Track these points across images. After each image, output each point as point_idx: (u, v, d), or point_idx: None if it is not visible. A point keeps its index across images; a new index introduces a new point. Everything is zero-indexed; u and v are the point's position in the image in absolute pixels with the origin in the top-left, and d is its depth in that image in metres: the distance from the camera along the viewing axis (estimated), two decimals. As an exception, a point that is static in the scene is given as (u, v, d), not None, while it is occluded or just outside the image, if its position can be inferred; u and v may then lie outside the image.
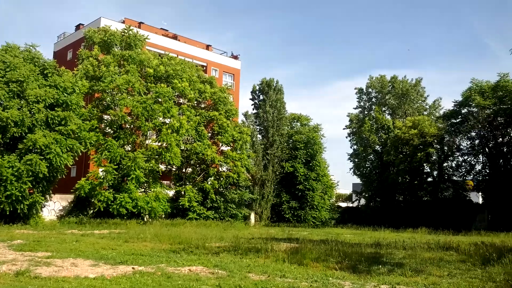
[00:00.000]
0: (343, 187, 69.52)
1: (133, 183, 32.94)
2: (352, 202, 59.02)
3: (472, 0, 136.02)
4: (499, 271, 13.11)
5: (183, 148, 38.17)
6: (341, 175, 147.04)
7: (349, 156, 54.00)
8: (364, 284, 11.08)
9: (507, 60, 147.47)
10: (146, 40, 39.44)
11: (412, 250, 18.84)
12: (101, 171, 33.50)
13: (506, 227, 34.33)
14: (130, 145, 36.04)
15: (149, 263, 13.51)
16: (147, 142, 37.01)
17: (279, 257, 15.13)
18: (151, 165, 34.49)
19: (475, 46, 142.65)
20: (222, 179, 40.01)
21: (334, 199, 55.45)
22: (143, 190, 35.31)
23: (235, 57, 58.35)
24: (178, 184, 39.35)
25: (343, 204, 61.47)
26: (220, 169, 41.16)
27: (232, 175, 39.49)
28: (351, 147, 54.52)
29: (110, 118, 35.58)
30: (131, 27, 39.24)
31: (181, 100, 40.07)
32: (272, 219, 45.36)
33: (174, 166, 38.39)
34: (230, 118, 42.07)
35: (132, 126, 36.19)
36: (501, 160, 41.34)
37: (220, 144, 41.68)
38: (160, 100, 35.97)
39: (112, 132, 35.56)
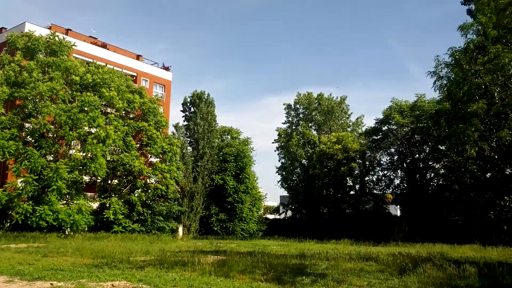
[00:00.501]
0: (271, 199, 70.75)
1: (55, 195, 31.36)
2: (280, 214, 60.08)
3: (394, 26, 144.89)
4: (414, 280, 13.99)
5: (109, 159, 36.98)
6: (269, 187, 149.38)
7: (277, 169, 55.17)
8: (288, 295, 11.38)
9: (424, 82, 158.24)
10: (73, 47, 38.04)
11: (334, 261, 19.53)
12: (20, 182, 31.64)
13: (422, 238, 36.51)
14: (52, 155, 34.37)
15: (69, 279, 12.98)
16: (71, 152, 35.45)
17: (206, 270, 15.12)
18: (75, 176, 33.06)
19: (396, 68, 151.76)
20: (150, 191, 39.18)
21: (262, 211, 56.13)
22: (65, 202, 33.71)
23: (167, 68, 57.72)
24: (103, 196, 37.99)
25: (271, 216, 62.37)
26: (148, 181, 40.32)
27: (161, 187, 38.82)
28: (279, 161, 55.83)
29: (31, 127, 33.76)
30: (57, 34, 37.72)
31: (109, 110, 38.88)
32: (200, 232, 45.01)
33: (99, 178, 37.00)
34: (160, 130, 41.45)
35: (55, 135, 34.57)
36: (417, 175, 44.05)
37: (149, 156, 40.89)
38: (86, 109, 34.68)
39: (33, 141, 33.72)
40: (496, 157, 18.43)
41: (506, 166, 18.71)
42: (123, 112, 39.70)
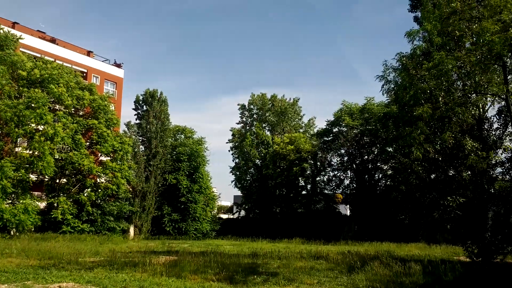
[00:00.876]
0: (225, 199, 70.72)
1: (-1, 194, 30.03)
2: (233, 214, 60.17)
3: (345, 30, 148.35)
4: (362, 278, 14.46)
5: (57, 157, 35.78)
6: (223, 187, 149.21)
7: (231, 169, 55.21)
8: (240, 294, 11.49)
9: (373, 86, 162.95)
10: (20, 41, 36.64)
11: (286, 260, 19.84)
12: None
13: (370, 237, 37.66)
14: (-4, 153, 32.91)
15: (13, 281, 12.55)
16: (16, 149, 34.06)
17: (157, 271, 14.99)
18: (21, 174, 31.79)
19: (346, 71, 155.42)
20: (100, 190, 38.16)
21: (215, 211, 56.01)
22: (10, 201, 32.30)
23: (118, 65, 56.42)
24: (50, 196, 36.70)
25: (224, 216, 62.35)
26: (98, 180, 39.28)
27: (111, 187, 37.94)
28: (233, 161, 55.88)
29: (-27, 123, 32.20)
30: (2, 26, 36.10)
31: (57, 107, 37.57)
32: (152, 232, 44.34)
33: (46, 176, 35.68)
34: (111, 128, 40.49)
35: (0, 132, 33.10)
36: (366, 176, 45.35)
37: (99, 154, 39.86)
38: (33, 105, 33.39)
39: (-25, 138, 32.18)
40: (440, 159, 19.26)
41: (449, 167, 19.56)
42: (72, 109, 38.49)
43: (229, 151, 56.42)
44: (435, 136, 17.51)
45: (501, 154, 18.92)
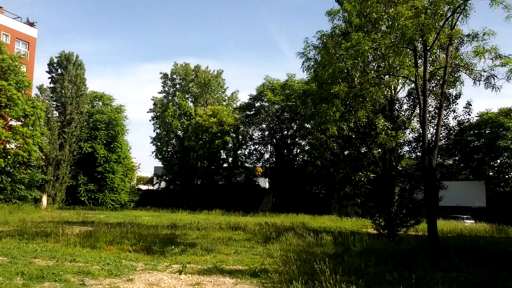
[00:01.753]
0: (145, 170, 69.41)
1: None
2: (153, 185, 59.42)
3: (268, 5, 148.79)
4: (277, 248, 15.12)
5: (-40, 120, 33.03)
6: (143, 158, 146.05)
7: (152, 140, 54.17)
8: (157, 265, 11.57)
9: (294, 62, 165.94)
10: None
11: (205, 231, 20.17)
12: None
13: (287, 209, 39.18)
14: None
15: None
16: None
17: (71, 241, 14.61)
18: None
19: (269, 46, 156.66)
20: (9, 157, 35.85)
21: (135, 181, 54.96)
22: None
23: (31, 24, 52.34)
24: (-49, 161, 33.96)
25: (144, 187, 61.44)
26: (7, 146, 36.82)
27: (22, 153, 35.81)
28: (154, 131, 54.79)
29: None
30: None
31: (-40, 65, 34.45)
32: (67, 202, 42.70)
33: None
34: (22, 91, 37.87)
35: None
36: (285, 150, 46.74)
37: (9, 118, 37.25)
38: None
39: None
40: (353, 136, 20.31)
41: (361, 145, 20.69)
42: (-22, 68, 35.48)
43: (150, 121, 55.23)
44: (350, 115, 18.36)
45: (409, 134, 20.40)
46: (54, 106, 44.19)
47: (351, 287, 8.70)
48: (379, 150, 20.06)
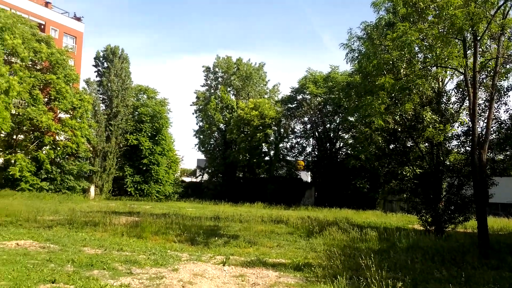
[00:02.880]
0: (188, 162, 70.56)
1: (-50, 150, 28.93)
2: (196, 177, 60.26)
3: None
4: (320, 242, 14.96)
5: (14, 112, 34.54)
6: (187, 150, 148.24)
7: (195, 132, 54.88)
8: (201, 255, 11.71)
9: (336, 54, 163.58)
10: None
11: (247, 223, 20.24)
12: None
13: (329, 203, 38.74)
14: None
15: (-31, 238, 12.30)
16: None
17: (118, 231, 15.01)
18: (-27, 129, 30.62)
19: (311, 38, 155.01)
20: (59, 148, 37.32)
21: (178, 173, 55.99)
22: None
23: (78, 19, 54.08)
24: (7, 152, 35.63)
25: (187, 179, 62.45)
26: (57, 138, 38.32)
27: (71, 145, 37.18)
28: (197, 124, 55.47)
29: None
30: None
31: (13, 59, 35.96)
32: (113, 193, 44.05)
33: (3, 132, 34.47)
34: (70, 84, 39.24)
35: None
36: (327, 144, 46.20)
37: (58, 111, 38.72)
38: (-14, 57, 31.82)
39: None
40: (399, 130, 19.79)
41: (408, 138, 20.13)
42: (29, 62, 36.99)
43: (193, 113, 55.98)
44: (395, 107, 17.90)
45: (458, 127, 19.66)
46: (101, 99, 45.55)
47: (398, 283, 8.48)
48: (426, 144, 19.45)
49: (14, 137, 36.57)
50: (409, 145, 20.37)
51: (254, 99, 51.54)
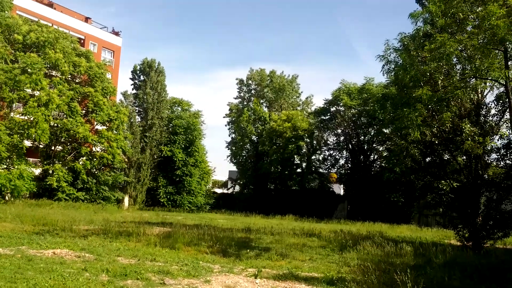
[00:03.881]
0: (220, 174, 70.91)
1: (-7, 158, 30.05)
2: (228, 189, 60.49)
3: (345, 8, 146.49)
4: (354, 257, 14.65)
5: (52, 124, 35.66)
6: (218, 162, 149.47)
7: (227, 144, 55.27)
8: (233, 268, 11.64)
9: (371, 65, 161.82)
10: (15, 3, 36.02)
11: (279, 236, 20.06)
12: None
13: (363, 217, 38.03)
14: (-9, 117, 32.78)
15: (7, 245, 12.63)
16: (12, 114, 33.84)
17: (151, 241, 15.13)
18: (14, 140, 31.67)
19: (346, 50, 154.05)
20: (95, 159, 38.23)
21: (210, 185, 56.27)
22: (5, 166, 32.32)
23: (116, 33, 55.62)
24: (46, 163, 36.75)
25: (219, 190, 62.71)
26: (93, 149, 39.26)
27: (107, 156, 37.97)
28: (229, 136, 55.83)
29: (-31, 85, 31.90)
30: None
31: (54, 73, 37.24)
32: (147, 203, 44.65)
33: (41, 143, 35.59)
34: (107, 96, 40.26)
35: (-5, 96, 32.91)
36: (361, 156, 45.56)
37: (95, 123, 39.72)
38: (29, 70, 33.00)
39: (-29, 100, 31.96)
40: (436, 142, 19.30)
41: (445, 151, 19.61)
42: (69, 76, 38.20)
43: (225, 125, 56.46)
44: (433, 119, 17.49)
45: (497, 140, 19.00)
46: (137, 111, 46.46)
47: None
48: (464, 157, 18.86)
49: (52, 148, 37.69)
50: (446, 158, 19.82)
51: (287, 111, 51.49)
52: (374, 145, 45.65)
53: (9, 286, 7.87)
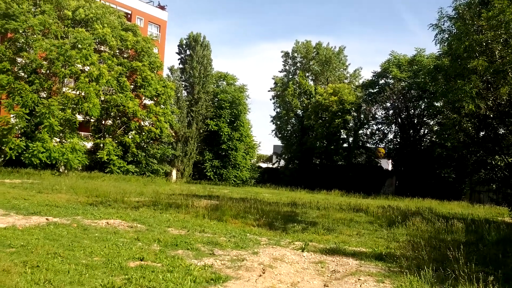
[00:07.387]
0: (265, 148, 71.26)
1: (47, 132, 31.37)
2: (273, 164, 60.71)
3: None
4: (403, 232, 14.37)
5: (103, 99, 36.72)
6: (263, 136, 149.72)
7: (272, 118, 55.12)
8: (279, 240, 11.70)
9: (422, 36, 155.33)
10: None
11: (325, 211, 19.94)
12: (13, 117, 31.58)
13: (411, 193, 37.14)
14: (45, 92, 34.06)
15: (64, 215, 13.22)
16: (64, 90, 35.08)
17: (199, 213, 15.44)
18: (67, 114, 32.90)
19: (394, 20, 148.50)
20: (144, 133, 39.21)
21: (255, 159, 56.65)
22: (58, 140, 33.72)
23: (162, 8, 55.96)
24: (97, 136, 38.08)
25: (264, 165, 63.07)
26: (142, 123, 40.25)
27: (155, 130, 38.85)
28: (274, 110, 55.66)
29: (23, 61, 33.18)
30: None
31: (102, 48, 38.10)
32: (193, 177, 45.60)
33: (92, 117, 36.79)
34: (155, 71, 40.87)
35: (48, 71, 34.09)
36: (411, 131, 44.27)
37: (143, 98, 40.58)
38: (79, 45, 33.89)
39: (26, 76, 33.28)
40: (491, 116, 18.43)
41: (500, 125, 18.71)
42: (117, 51, 38.93)
43: (270, 99, 56.16)
44: (488, 92, 16.66)
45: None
46: (183, 86, 47.05)
47: (489, 277, 7.91)
48: (521, 131, 17.95)
49: (103, 122, 38.92)
50: (501, 133, 18.92)
51: (334, 84, 50.50)
52: (424, 119, 44.20)
53: (67, 254, 8.25)
